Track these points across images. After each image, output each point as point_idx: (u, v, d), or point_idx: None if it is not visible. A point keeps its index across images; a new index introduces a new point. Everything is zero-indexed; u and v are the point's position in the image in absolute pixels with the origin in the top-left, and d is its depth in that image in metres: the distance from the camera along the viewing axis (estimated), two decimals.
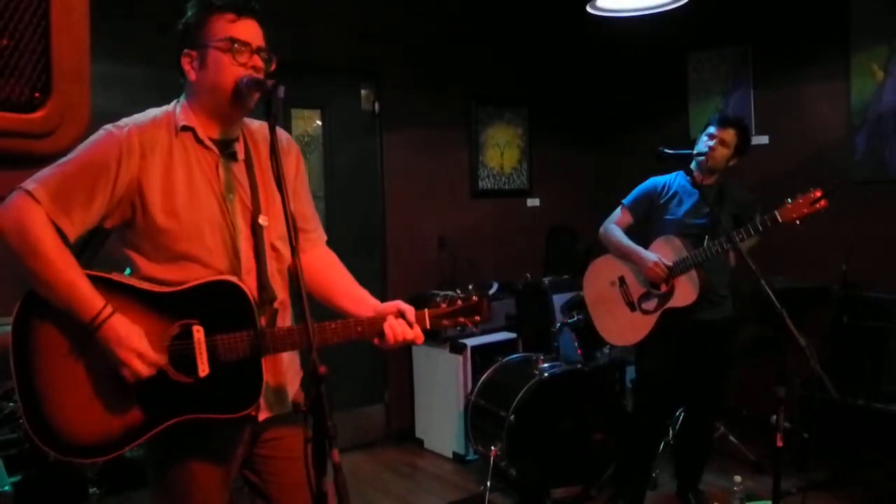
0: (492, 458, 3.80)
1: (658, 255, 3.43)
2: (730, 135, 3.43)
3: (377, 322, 1.88)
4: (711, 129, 3.46)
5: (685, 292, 3.41)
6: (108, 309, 1.69)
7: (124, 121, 1.80)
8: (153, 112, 1.85)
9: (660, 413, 3.75)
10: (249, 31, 1.80)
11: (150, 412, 1.76)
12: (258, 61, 1.80)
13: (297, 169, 2.03)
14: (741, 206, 3.46)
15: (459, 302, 1.94)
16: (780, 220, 3.10)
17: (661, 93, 5.45)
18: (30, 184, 1.67)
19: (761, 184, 4.73)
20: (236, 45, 1.77)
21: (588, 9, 3.57)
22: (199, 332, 1.75)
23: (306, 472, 1.53)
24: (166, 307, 1.77)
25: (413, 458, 4.77)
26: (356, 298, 2.02)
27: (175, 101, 1.87)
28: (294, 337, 1.82)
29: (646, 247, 3.50)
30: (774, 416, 2.60)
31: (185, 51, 1.81)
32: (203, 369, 1.75)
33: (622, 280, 3.59)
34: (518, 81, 5.59)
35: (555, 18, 5.58)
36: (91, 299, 1.68)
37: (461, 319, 1.95)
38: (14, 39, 0.79)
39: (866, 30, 4.29)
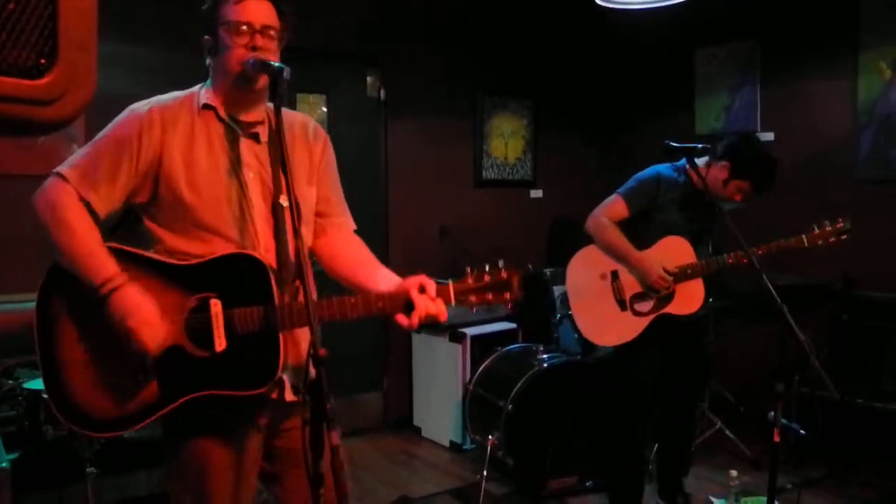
0: (489, 448, 3.81)
1: (663, 258, 3.22)
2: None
3: (398, 297, 1.79)
4: (747, 189, 3.20)
5: (688, 300, 3.23)
6: (122, 278, 1.72)
7: (148, 100, 1.86)
8: (177, 93, 1.90)
9: (649, 414, 3.53)
10: (254, 10, 1.81)
11: (167, 387, 1.75)
12: (259, 40, 1.80)
13: (322, 154, 2.05)
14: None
15: (487, 277, 1.80)
16: (805, 244, 3.12)
17: (667, 87, 5.43)
18: (61, 167, 1.78)
19: None
20: (237, 25, 1.79)
21: (597, 0, 3.55)
22: (216, 306, 1.73)
23: (304, 454, 1.54)
24: (185, 280, 1.77)
25: (410, 445, 4.77)
26: (376, 276, 1.95)
27: (200, 85, 1.92)
28: (311, 310, 1.73)
29: (636, 240, 3.28)
30: (772, 412, 2.60)
31: (204, 37, 1.87)
32: (220, 343, 1.72)
33: (615, 275, 3.32)
34: (524, 72, 5.57)
35: (563, 10, 5.55)
36: (105, 266, 1.72)
37: (490, 297, 1.81)
38: (20, 4, 0.78)
39: (875, 28, 4.26)
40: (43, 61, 0.81)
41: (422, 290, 1.79)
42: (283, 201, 1.87)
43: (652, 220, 3.31)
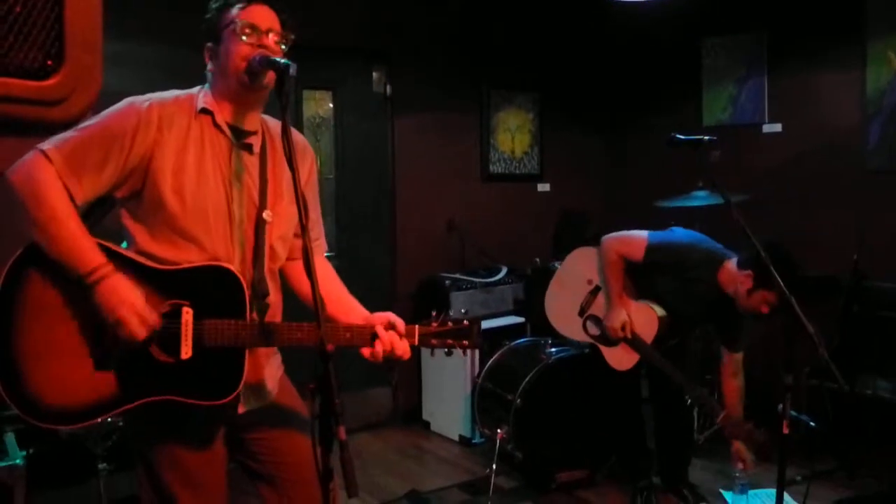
0: (498, 441, 3.82)
1: (633, 315, 3.33)
2: None
3: (365, 330, 1.90)
4: (774, 300, 2.96)
5: (620, 360, 3.40)
6: (109, 267, 1.70)
7: (148, 95, 1.83)
8: (177, 91, 1.88)
9: (638, 404, 3.68)
10: (259, 15, 1.83)
11: (126, 387, 1.75)
12: (266, 41, 1.82)
13: (309, 174, 2.04)
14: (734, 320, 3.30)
15: (451, 324, 2.01)
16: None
17: (674, 78, 5.41)
18: (45, 144, 1.68)
19: (773, 172, 4.72)
20: (244, 27, 1.80)
21: None
22: (187, 314, 1.75)
23: (314, 449, 1.55)
24: (159, 284, 1.77)
25: (419, 440, 4.79)
26: (347, 307, 2.04)
27: (199, 87, 1.91)
28: (282, 332, 1.83)
29: (632, 277, 3.38)
30: (781, 405, 2.59)
31: (206, 45, 1.88)
32: (186, 351, 1.74)
33: (597, 290, 3.50)
34: (530, 65, 5.56)
35: (568, 3, 5.54)
36: (93, 253, 1.69)
37: (450, 341, 2.03)
38: (27, 7, 0.79)
39: (883, 18, 4.24)
40: (50, 63, 0.81)
41: (391, 326, 1.91)
42: (267, 216, 1.88)
43: (657, 278, 3.33)
